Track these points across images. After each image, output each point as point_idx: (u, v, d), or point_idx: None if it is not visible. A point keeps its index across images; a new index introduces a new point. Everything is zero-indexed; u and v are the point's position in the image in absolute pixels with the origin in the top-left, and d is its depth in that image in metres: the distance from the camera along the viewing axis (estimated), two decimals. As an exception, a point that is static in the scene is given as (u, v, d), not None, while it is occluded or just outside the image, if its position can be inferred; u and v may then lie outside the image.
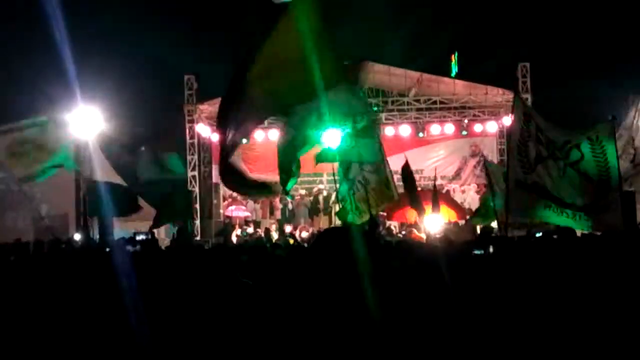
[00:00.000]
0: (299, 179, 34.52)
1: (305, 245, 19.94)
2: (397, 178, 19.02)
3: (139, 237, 18.69)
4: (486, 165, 21.60)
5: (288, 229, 30.42)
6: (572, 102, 27.45)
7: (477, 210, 23.61)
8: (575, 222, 13.37)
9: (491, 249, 11.12)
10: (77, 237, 23.39)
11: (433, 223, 19.22)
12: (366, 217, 16.73)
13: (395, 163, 19.12)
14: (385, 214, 22.80)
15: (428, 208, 19.02)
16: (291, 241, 21.65)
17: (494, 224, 19.57)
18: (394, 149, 28.01)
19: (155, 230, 23.38)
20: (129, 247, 13.80)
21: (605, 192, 13.38)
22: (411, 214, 20.03)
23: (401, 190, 18.83)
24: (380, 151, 16.81)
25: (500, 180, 17.57)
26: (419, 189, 25.87)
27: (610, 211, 13.34)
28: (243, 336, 5.29)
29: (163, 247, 16.71)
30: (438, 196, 20.15)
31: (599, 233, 13.10)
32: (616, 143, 13.89)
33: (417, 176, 34.19)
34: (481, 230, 21.28)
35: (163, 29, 33.60)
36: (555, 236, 12.19)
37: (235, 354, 5.53)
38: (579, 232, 13.22)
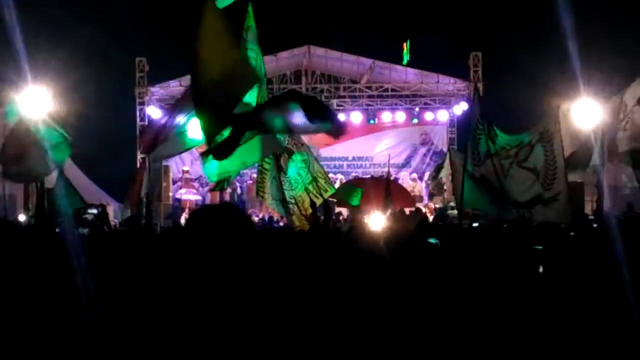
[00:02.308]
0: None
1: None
2: (345, 165, 19.14)
3: (90, 211, 18.47)
4: (451, 156, 21.55)
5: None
6: (525, 92, 27.57)
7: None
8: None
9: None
10: (22, 217, 23.11)
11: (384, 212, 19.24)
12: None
13: (346, 149, 19.18)
14: (334, 199, 22.80)
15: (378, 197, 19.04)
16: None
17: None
18: (344, 135, 28.04)
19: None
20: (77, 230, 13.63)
21: (550, 184, 13.51)
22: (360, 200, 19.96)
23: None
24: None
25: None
26: (369, 176, 25.98)
27: (556, 204, 13.47)
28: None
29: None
30: (390, 185, 20.15)
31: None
32: (560, 132, 14.04)
33: (367, 163, 34.63)
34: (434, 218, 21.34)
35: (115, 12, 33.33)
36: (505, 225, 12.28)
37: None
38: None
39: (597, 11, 27.13)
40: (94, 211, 18.57)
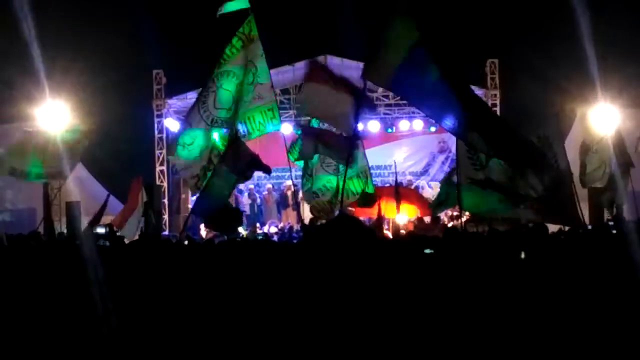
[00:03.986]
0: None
1: (275, 239, 19.93)
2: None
3: (99, 230, 18.55)
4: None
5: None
6: (542, 98, 27.50)
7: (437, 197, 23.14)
8: (531, 213, 13.44)
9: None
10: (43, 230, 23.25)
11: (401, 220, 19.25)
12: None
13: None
14: (352, 209, 22.75)
15: (392, 206, 19.09)
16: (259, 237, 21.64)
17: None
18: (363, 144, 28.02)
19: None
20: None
21: (557, 189, 13.45)
22: (381, 208, 19.94)
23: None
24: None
25: None
26: (387, 185, 25.92)
27: (564, 207, 13.41)
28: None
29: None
30: (400, 193, 20.14)
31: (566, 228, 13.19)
32: (564, 138, 14.00)
33: (385, 172, 34.55)
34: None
35: (132, 25, 33.45)
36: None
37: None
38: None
39: (614, 16, 27.04)
40: (102, 230, 18.62)
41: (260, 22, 16.70)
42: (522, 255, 8.59)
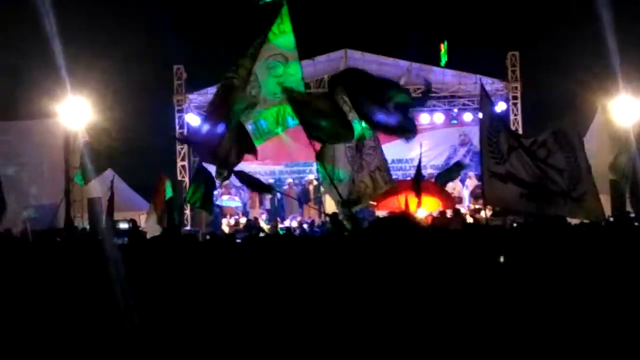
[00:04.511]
0: (289, 169, 34.60)
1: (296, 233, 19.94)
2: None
3: (122, 226, 18.60)
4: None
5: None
6: (563, 90, 27.40)
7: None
8: (554, 208, 13.40)
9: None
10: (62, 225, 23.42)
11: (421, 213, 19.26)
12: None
13: (386, 152, 19.04)
14: (374, 203, 22.73)
15: (413, 200, 19.07)
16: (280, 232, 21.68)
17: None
18: (383, 137, 27.93)
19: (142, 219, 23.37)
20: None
21: (575, 184, 13.40)
22: (398, 201, 19.92)
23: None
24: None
25: None
26: (408, 178, 25.90)
27: (583, 203, 13.37)
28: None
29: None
30: (421, 186, 20.13)
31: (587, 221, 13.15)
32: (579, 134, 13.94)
33: (407, 165, 34.50)
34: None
35: (153, 20, 33.53)
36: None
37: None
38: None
39: (635, 6, 26.88)
40: (125, 226, 18.65)
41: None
42: (542, 249, 8.55)
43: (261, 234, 20.27)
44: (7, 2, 29.42)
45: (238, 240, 13.43)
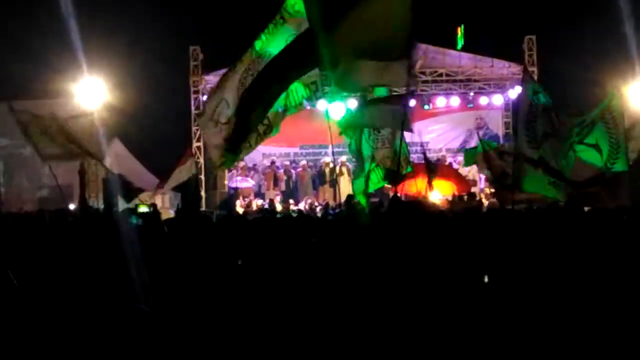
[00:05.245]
0: (304, 150, 34.51)
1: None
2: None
3: (142, 210, 18.60)
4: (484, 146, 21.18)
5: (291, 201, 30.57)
6: (580, 74, 27.31)
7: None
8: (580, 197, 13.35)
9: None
10: (72, 207, 23.46)
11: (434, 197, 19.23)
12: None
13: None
14: (390, 186, 22.70)
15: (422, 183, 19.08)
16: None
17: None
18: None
19: (157, 202, 23.44)
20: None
21: (614, 162, 13.36)
22: (416, 185, 19.87)
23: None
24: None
25: None
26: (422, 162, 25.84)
27: (617, 182, 13.35)
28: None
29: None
30: (436, 169, 20.06)
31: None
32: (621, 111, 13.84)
33: (422, 148, 34.43)
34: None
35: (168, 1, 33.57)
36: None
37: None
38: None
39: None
40: (145, 209, 18.65)
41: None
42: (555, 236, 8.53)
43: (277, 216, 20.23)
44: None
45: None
